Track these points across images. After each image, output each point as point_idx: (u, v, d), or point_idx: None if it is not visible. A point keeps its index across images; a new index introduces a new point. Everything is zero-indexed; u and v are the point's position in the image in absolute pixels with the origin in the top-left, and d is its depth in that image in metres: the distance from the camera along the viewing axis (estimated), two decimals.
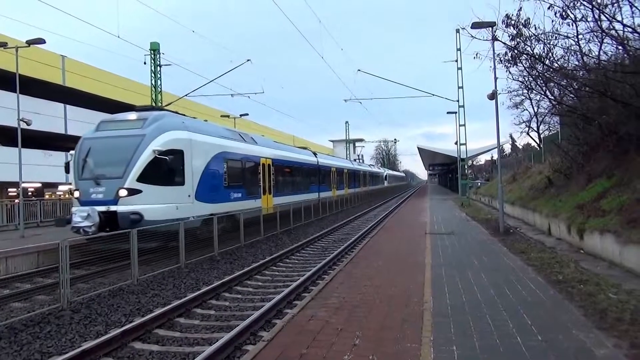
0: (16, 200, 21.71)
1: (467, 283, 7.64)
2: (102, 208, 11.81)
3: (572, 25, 13.30)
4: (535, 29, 13.83)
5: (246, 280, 10.40)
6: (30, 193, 32.11)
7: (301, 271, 11.29)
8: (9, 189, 32.67)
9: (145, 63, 27.16)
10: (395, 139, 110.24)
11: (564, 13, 12.49)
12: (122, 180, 12.01)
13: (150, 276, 10.16)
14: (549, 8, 12.46)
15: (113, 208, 11.87)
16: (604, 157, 14.10)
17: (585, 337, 4.88)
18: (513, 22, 13.60)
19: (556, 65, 15.16)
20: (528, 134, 38.91)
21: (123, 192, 11.95)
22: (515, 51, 14.53)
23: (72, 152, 13.37)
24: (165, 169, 12.57)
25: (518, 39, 14.14)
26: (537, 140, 36.80)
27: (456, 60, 31.22)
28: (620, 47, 13.44)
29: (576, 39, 14.18)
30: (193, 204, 13.53)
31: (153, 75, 27.49)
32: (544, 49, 14.77)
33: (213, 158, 14.84)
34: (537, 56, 14.72)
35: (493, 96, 15.69)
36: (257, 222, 16.51)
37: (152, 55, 27.32)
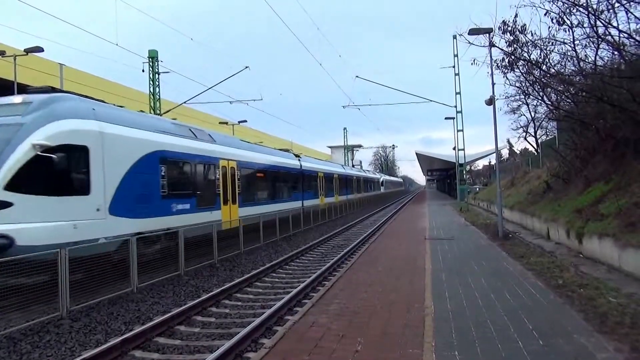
0: None
1: (467, 288, 7.65)
2: None
3: (569, 31, 13.48)
4: (532, 35, 14.00)
5: (246, 287, 10.37)
6: None
7: (301, 278, 11.28)
8: None
9: (143, 71, 27.30)
10: (393, 145, 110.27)
11: (560, 19, 12.61)
12: None
13: (149, 284, 10.11)
14: (545, 14, 12.59)
15: None
16: (602, 161, 14.18)
17: (586, 341, 4.89)
18: (510, 28, 13.70)
19: (553, 70, 15.27)
20: (525, 139, 39.21)
21: None
22: (512, 57, 14.62)
23: None
24: (56, 172, 9.27)
25: (515, 45, 14.25)
26: (535, 145, 37.03)
27: (454, 66, 31.39)
28: (616, 53, 13.56)
29: (573, 45, 14.34)
30: (105, 220, 10.04)
31: (151, 82, 27.58)
32: (540, 54, 14.92)
33: (142, 158, 11.39)
34: (534, 62, 14.84)
35: (491, 102, 15.77)
36: (209, 243, 12.98)
37: (151, 63, 27.43)
